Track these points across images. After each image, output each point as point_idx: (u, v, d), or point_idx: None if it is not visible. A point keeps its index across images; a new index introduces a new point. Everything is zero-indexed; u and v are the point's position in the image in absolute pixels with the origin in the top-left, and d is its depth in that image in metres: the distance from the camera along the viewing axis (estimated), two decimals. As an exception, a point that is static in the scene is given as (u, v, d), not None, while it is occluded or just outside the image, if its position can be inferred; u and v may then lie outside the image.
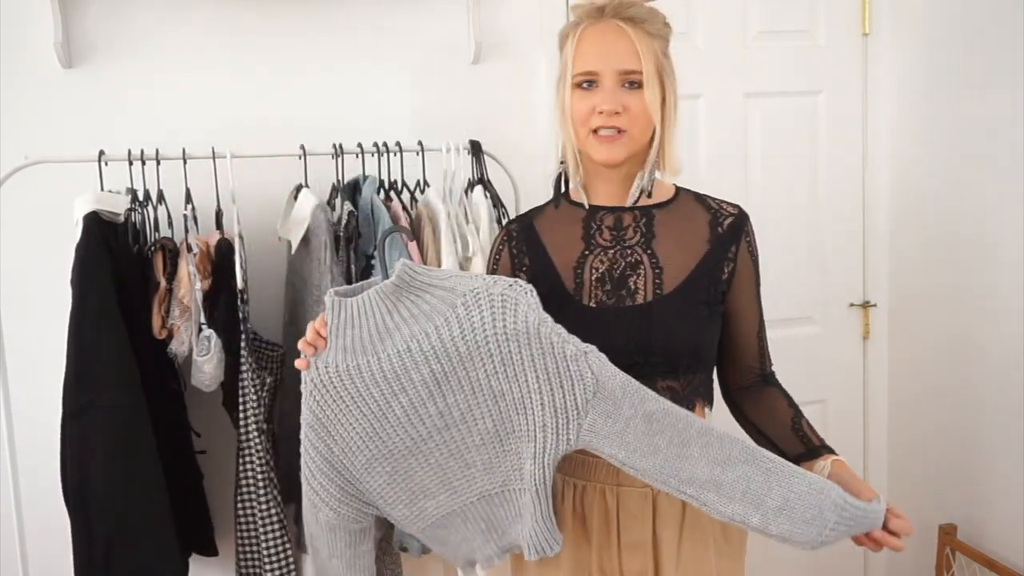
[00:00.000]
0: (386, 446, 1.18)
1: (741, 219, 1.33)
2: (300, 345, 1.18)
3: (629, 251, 1.31)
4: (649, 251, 1.30)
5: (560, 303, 1.31)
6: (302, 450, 1.22)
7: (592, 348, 1.12)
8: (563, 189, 1.38)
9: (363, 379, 1.15)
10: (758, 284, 1.35)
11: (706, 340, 1.31)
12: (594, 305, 1.29)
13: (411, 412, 1.16)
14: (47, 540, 1.87)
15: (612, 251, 1.31)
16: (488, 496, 1.23)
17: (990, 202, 2.09)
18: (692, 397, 1.30)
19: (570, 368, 1.11)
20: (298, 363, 1.19)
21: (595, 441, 1.12)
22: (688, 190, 1.37)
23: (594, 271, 1.31)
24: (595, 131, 1.25)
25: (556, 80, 1.32)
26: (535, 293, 1.12)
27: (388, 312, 1.13)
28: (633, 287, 1.29)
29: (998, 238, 2.07)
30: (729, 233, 1.31)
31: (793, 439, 1.29)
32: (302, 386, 1.19)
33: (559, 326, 1.11)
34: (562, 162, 1.34)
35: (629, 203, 1.32)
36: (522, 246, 1.38)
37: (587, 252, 1.32)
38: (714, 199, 1.36)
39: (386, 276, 1.16)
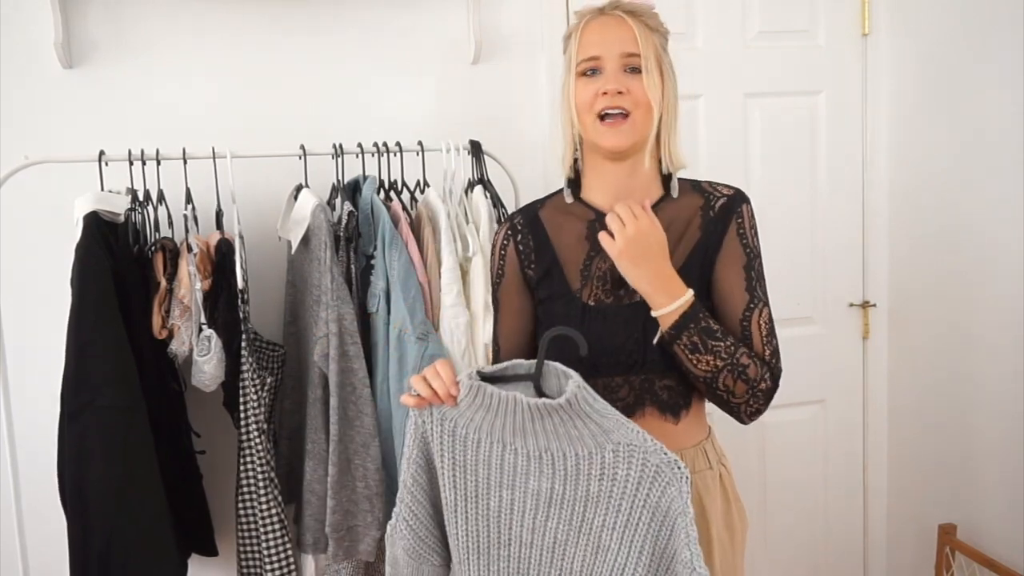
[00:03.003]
0: (461, 528, 1.14)
1: (733, 200, 1.32)
2: (424, 391, 1.12)
3: None
4: None
5: (564, 301, 1.31)
6: (404, 496, 1.16)
7: (704, 573, 1.05)
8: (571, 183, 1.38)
9: (478, 455, 1.11)
10: (749, 268, 1.29)
11: None
12: (593, 303, 1.30)
13: (506, 511, 1.11)
14: (47, 540, 1.87)
15: None
16: None
17: (989, 202, 2.09)
18: (690, 393, 1.30)
19: (678, 571, 1.07)
20: (406, 399, 1.14)
21: None
22: (686, 179, 1.37)
23: (598, 270, 1.32)
24: (601, 118, 1.26)
25: (561, 80, 1.33)
26: (690, 481, 1.07)
27: (534, 419, 1.08)
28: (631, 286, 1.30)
29: (997, 238, 2.07)
30: (720, 215, 1.31)
31: None
32: (409, 426, 1.15)
33: (694, 527, 1.06)
34: (576, 159, 1.35)
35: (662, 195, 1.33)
36: (528, 241, 1.38)
37: (593, 253, 1.33)
38: (711, 183, 1.35)
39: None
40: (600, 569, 1.09)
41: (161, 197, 1.74)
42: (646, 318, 1.26)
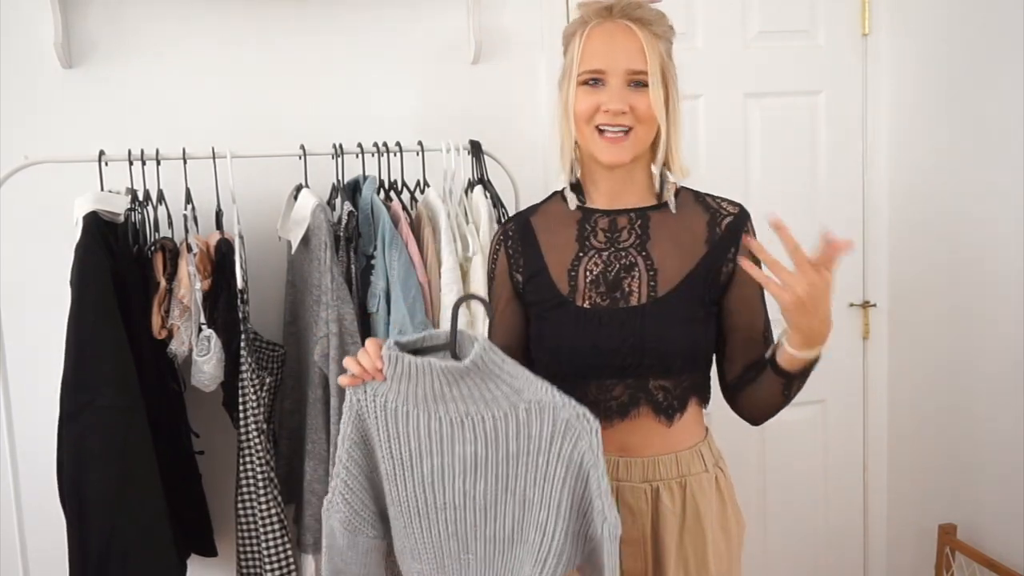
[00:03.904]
0: (400, 495, 1.19)
1: (740, 219, 1.32)
2: (354, 369, 1.15)
3: (624, 253, 1.31)
4: (644, 253, 1.30)
5: (555, 306, 1.31)
6: (339, 471, 1.21)
7: (615, 520, 1.11)
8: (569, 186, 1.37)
9: (408, 426, 1.15)
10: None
11: (701, 342, 1.30)
12: (588, 306, 1.29)
13: (438, 477, 1.16)
14: (47, 540, 1.86)
15: (606, 253, 1.31)
16: None
17: (990, 202, 2.09)
18: (685, 396, 1.30)
19: (594, 518, 1.11)
20: (342, 379, 1.17)
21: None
22: (689, 189, 1.37)
23: (588, 273, 1.31)
24: (600, 131, 1.25)
25: (559, 78, 1.32)
26: (599, 433, 1.11)
27: (449, 384, 1.12)
28: (628, 289, 1.29)
29: (998, 238, 2.07)
30: (728, 234, 1.30)
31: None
32: (345, 405, 1.19)
33: (607, 479, 1.11)
34: (573, 161, 1.34)
35: (668, 199, 1.33)
36: (518, 246, 1.38)
37: (581, 254, 1.32)
38: (714, 198, 1.35)
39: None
40: (527, 525, 1.14)
41: (161, 197, 1.74)
42: (643, 321, 1.26)
